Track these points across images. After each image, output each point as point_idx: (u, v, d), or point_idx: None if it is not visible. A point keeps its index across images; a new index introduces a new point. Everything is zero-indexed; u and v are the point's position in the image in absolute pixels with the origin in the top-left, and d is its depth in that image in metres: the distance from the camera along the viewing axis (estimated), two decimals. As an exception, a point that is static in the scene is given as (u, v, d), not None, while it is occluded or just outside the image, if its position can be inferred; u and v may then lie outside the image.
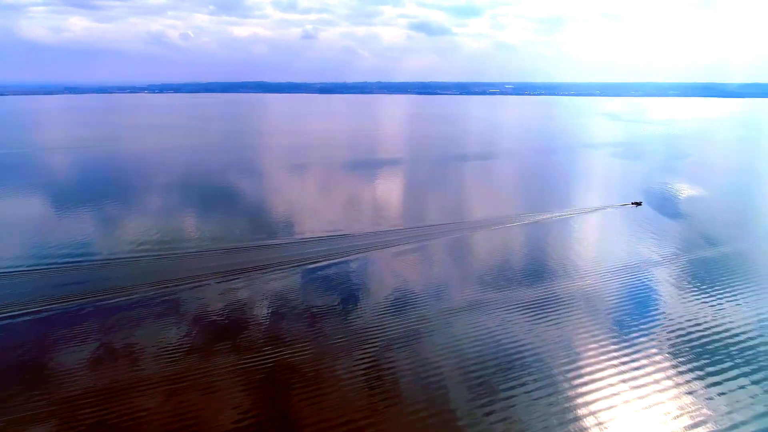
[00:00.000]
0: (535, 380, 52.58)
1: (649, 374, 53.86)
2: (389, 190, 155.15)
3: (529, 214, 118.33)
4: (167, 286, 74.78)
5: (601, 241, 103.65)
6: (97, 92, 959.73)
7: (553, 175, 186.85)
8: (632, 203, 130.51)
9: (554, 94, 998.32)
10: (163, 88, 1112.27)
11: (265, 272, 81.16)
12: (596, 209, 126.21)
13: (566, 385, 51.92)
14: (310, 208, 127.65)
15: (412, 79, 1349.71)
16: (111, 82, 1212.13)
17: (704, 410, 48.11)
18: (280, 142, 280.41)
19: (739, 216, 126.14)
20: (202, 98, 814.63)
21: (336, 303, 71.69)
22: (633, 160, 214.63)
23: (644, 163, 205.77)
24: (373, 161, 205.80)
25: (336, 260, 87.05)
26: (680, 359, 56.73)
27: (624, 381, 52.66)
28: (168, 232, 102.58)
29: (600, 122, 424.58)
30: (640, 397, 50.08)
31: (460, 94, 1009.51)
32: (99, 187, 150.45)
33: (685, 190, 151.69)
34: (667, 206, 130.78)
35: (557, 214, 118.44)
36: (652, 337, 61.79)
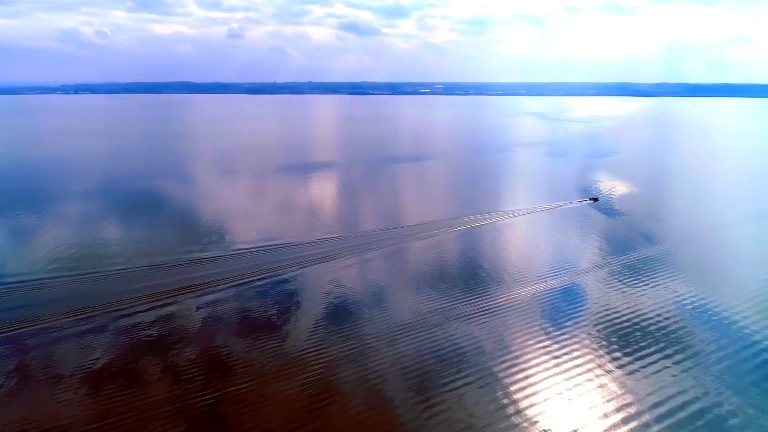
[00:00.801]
0: (474, 378, 54.07)
1: (582, 365, 57.05)
2: (324, 195, 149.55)
3: (488, 213, 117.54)
4: (85, 314, 65.63)
5: (559, 238, 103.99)
6: (2, 93, 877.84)
7: (502, 174, 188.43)
8: (590, 199, 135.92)
9: (483, 94, 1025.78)
10: (78, 89, 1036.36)
11: (197, 292, 73.59)
12: (558, 206, 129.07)
13: (504, 380, 53.83)
14: (241, 217, 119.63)
15: (343, 79, 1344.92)
16: (19, 82, 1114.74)
17: (629, 392, 52.14)
18: (208, 146, 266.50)
19: (673, 211, 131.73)
20: (122, 99, 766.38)
21: (275, 322, 66.18)
22: (570, 157, 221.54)
23: (581, 160, 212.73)
24: (306, 165, 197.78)
25: (271, 275, 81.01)
26: (608, 349, 60.21)
27: (558, 373, 55.50)
28: (83, 249, 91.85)
29: (530, 121, 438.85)
30: (573, 386, 53.26)
31: (392, 94, 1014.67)
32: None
33: (622, 187, 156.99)
34: (621, 202, 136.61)
35: (510, 213, 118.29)
36: (586, 329, 64.86)
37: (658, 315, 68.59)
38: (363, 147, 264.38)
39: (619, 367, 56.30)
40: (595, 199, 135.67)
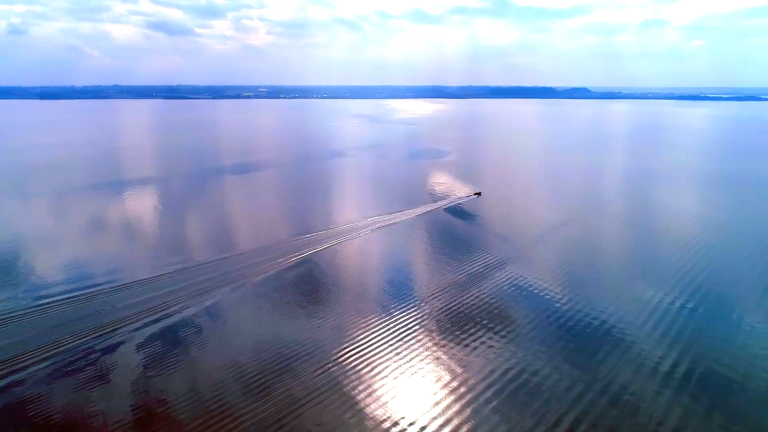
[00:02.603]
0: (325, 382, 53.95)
1: (419, 350, 62.35)
2: (139, 221, 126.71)
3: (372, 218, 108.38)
4: None
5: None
6: None
7: (345, 182, 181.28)
8: (474, 194, 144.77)
9: (308, 97, 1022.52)
10: None
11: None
12: (448, 203, 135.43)
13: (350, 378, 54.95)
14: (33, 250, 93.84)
15: (155, 82, 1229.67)
16: None
17: (464, 370, 58.77)
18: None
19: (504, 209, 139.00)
20: None
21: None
22: (407, 159, 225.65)
23: (420, 163, 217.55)
24: (116, 183, 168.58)
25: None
26: (441, 335, 66.13)
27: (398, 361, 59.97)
28: None
29: (359, 123, 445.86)
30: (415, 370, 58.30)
31: (213, 98, 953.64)
32: None
33: (465, 189, 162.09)
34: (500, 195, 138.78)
35: (347, 229, 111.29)
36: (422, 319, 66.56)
37: (483, 302, 75.09)
38: (183, 158, 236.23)
39: (451, 349, 62.09)
40: (479, 194, 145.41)
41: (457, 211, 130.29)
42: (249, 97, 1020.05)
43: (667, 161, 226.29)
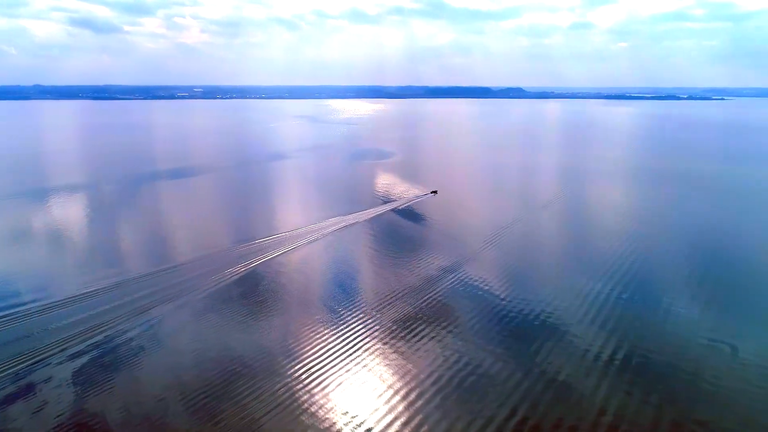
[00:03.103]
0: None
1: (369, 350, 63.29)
2: (75, 230, 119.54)
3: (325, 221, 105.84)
4: None
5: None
6: None
7: (291, 186, 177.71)
8: (431, 192, 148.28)
9: (246, 98, 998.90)
10: None
11: None
12: (404, 203, 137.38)
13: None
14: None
15: (82, 82, 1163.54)
16: None
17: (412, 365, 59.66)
18: None
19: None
20: None
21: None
22: (355, 160, 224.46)
23: (367, 164, 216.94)
24: (38, 191, 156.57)
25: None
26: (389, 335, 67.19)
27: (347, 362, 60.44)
28: None
29: (302, 124, 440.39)
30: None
31: (145, 98, 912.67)
32: None
33: (415, 189, 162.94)
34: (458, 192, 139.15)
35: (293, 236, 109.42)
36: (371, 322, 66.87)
37: (431, 302, 76.17)
38: (113, 163, 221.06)
39: (401, 351, 62.69)
40: (435, 192, 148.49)
41: (408, 212, 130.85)
42: (184, 97, 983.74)
43: (601, 158, 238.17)
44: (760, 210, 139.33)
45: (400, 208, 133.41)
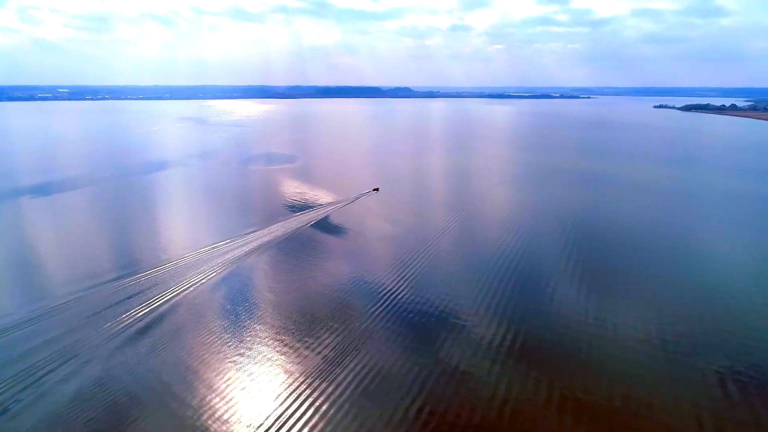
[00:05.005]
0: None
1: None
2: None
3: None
4: None
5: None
6: None
7: (202, 194, 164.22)
8: (373, 189, 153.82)
9: (121, 99, 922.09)
10: None
11: None
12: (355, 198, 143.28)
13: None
14: None
15: None
16: None
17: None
18: None
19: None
20: None
21: None
22: (253, 166, 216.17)
23: (267, 170, 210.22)
24: None
25: None
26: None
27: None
28: None
29: (188, 127, 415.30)
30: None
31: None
32: None
33: (327, 197, 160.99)
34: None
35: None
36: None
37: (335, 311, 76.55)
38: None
39: (312, 363, 63.33)
40: (377, 189, 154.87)
41: (326, 224, 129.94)
42: (47, 98, 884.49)
43: (490, 155, 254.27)
44: (633, 198, 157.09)
45: (315, 221, 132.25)
